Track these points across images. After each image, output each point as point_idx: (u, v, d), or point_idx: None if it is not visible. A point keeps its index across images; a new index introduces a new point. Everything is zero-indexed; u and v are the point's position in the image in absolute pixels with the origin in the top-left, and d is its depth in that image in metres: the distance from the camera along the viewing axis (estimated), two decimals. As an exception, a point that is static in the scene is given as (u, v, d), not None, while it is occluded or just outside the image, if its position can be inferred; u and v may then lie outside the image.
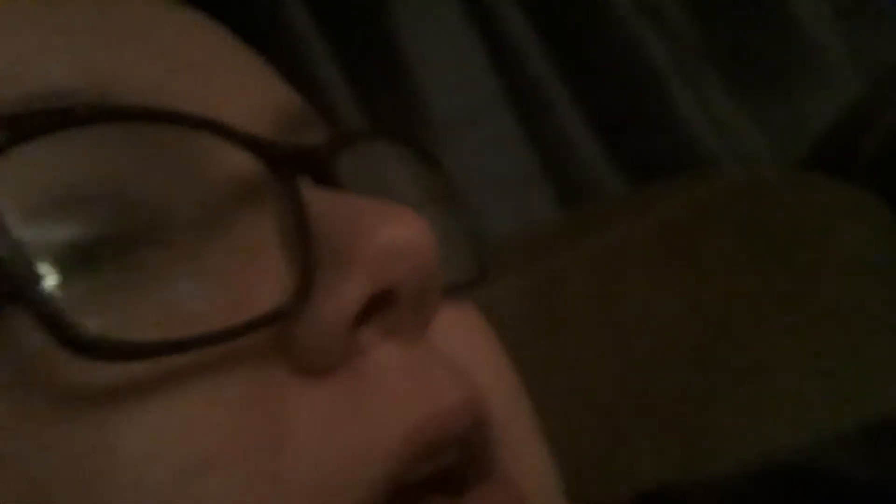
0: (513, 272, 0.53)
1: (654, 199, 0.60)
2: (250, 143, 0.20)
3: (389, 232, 0.19)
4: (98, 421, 0.18)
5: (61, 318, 0.17)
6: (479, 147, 0.71)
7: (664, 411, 0.49)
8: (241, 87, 0.23)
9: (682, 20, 0.76)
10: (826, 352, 0.52)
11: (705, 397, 0.50)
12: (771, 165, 0.70)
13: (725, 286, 0.55)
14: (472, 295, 0.25)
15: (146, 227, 0.19)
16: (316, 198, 0.21)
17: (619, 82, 0.74)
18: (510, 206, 0.70)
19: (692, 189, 0.60)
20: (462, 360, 0.22)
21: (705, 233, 0.57)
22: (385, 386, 0.20)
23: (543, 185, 0.72)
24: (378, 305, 0.20)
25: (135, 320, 0.18)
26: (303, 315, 0.19)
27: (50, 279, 0.18)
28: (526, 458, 0.23)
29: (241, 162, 0.20)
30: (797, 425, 0.47)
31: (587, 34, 0.75)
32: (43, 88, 0.20)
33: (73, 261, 0.18)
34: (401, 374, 0.20)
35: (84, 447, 0.18)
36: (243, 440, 0.18)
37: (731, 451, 0.45)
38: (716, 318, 0.53)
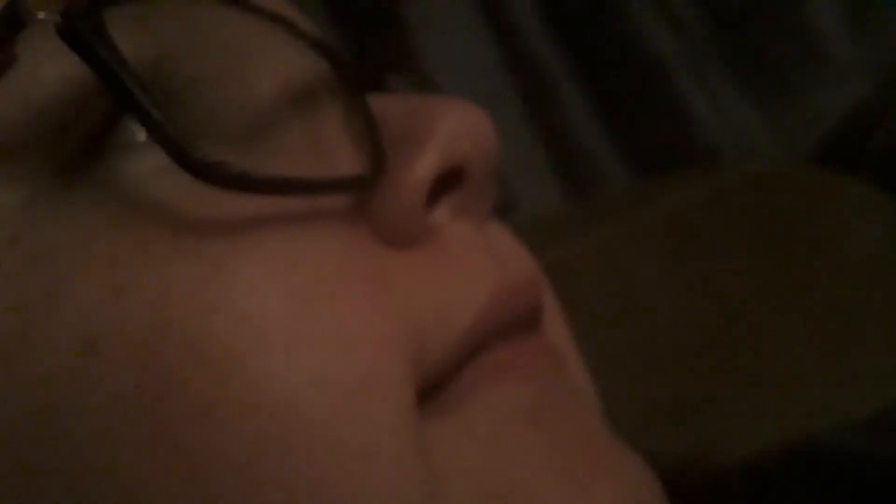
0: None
1: (664, 190, 0.60)
2: (319, 44, 0.22)
3: (457, 115, 0.21)
4: (212, 251, 0.19)
5: (183, 139, 0.18)
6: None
7: (675, 397, 0.49)
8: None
9: (691, 16, 0.76)
10: (834, 339, 0.52)
11: (715, 384, 0.50)
12: (781, 160, 0.70)
13: (734, 276, 0.56)
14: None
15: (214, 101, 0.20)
16: (378, 98, 0.22)
17: (627, 76, 0.74)
18: (516, 199, 0.70)
19: (702, 180, 0.61)
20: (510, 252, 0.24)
21: (715, 223, 0.58)
22: (463, 256, 0.22)
23: (549, 177, 0.72)
24: (447, 186, 0.22)
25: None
26: (381, 186, 0.21)
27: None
28: (560, 333, 0.25)
29: (299, 64, 0.22)
30: (806, 410, 0.47)
31: (595, 27, 0.75)
32: None
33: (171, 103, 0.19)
34: (475, 248, 0.22)
35: (201, 275, 0.18)
36: (350, 276, 0.20)
37: (743, 437, 0.45)
38: (725, 307, 0.54)
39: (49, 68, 0.19)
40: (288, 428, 0.18)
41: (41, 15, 0.18)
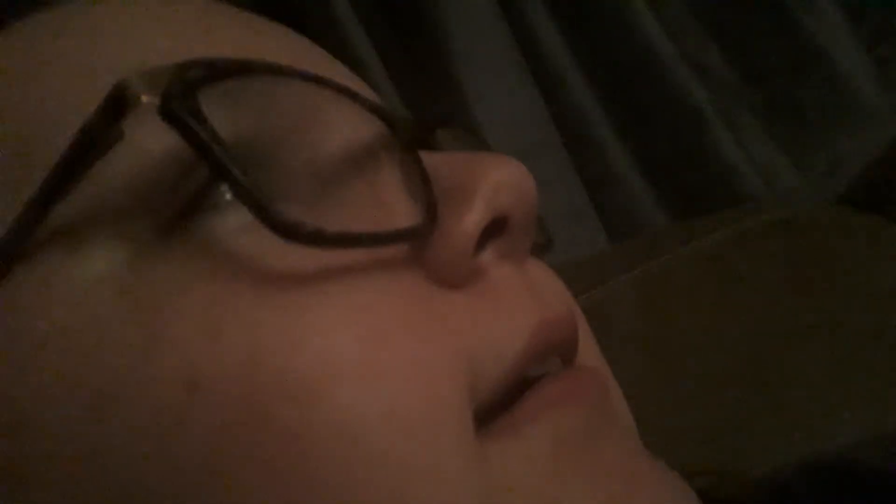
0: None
1: (698, 231, 0.62)
2: (376, 109, 0.25)
3: (501, 171, 0.23)
4: (292, 297, 0.21)
5: (267, 202, 0.20)
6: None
7: (702, 429, 0.51)
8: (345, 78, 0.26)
9: (723, 67, 0.79)
10: (858, 372, 0.53)
11: (742, 416, 0.51)
12: (809, 202, 0.72)
13: (763, 313, 0.57)
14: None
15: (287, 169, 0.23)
16: (430, 155, 0.24)
17: (664, 124, 0.77)
18: (558, 240, 0.73)
19: (734, 221, 0.62)
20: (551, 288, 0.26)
21: (746, 263, 0.59)
22: (508, 295, 0.23)
23: (591, 219, 0.75)
24: (492, 233, 0.23)
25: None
26: (435, 236, 0.23)
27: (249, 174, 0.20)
28: (595, 358, 0.27)
29: (360, 128, 0.24)
30: (830, 438, 0.48)
31: (635, 80, 0.78)
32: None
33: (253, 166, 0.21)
34: (519, 288, 0.24)
35: (284, 320, 0.20)
36: (411, 316, 0.22)
37: (767, 457, 0.46)
38: (753, 342, 0.55)
39: (151, 143, 0.21)
40: (361, 451, 0.20)
41: (144, 98, 0.20)
